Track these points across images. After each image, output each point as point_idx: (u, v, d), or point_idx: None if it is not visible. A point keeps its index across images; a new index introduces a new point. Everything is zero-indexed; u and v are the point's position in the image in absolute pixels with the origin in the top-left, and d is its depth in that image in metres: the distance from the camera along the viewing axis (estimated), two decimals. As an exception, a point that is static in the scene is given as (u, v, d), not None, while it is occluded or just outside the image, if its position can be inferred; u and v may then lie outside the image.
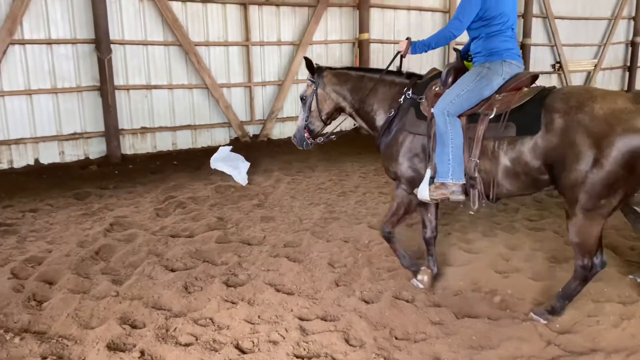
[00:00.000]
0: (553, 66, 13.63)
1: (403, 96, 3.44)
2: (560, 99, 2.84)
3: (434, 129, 3.15)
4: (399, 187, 3.50)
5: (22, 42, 7.18)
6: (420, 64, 10.28)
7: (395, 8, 10.93)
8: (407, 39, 3.48)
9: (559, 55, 13.48)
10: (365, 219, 4.93)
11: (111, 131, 7.76)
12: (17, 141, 7.32)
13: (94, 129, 7.87)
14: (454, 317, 3.09)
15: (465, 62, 3.40)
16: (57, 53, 7.45)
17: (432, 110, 3.14)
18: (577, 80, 14.00)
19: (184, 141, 8.81)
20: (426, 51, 3.42)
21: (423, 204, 3.48)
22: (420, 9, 11.27)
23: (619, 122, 2.61)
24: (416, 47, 3.42)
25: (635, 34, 14.57)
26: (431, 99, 3.25)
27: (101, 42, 7.48)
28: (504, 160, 2.95)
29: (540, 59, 13.32)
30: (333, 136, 3.85)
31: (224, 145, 7.76)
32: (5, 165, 7.29)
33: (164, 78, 8.47)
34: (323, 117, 3.82)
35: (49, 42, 7.38)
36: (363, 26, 10.29)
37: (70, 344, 2.82)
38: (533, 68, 13.02)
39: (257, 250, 4.22)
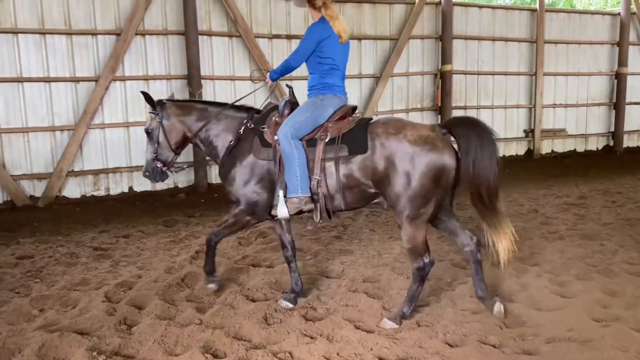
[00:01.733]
0: (652, 96, 12.73)
1: (243, 127, 3.85)
2: (380, 128, 3.46)
3: (279, 153, 3.58)
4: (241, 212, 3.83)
5: (123, 79, 7.78)
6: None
7: (479, 39, 10.76)
8: (265, 70, 4.12)
9: (659, 84, 12.59)
10: (448, 256, 4.76)
11: (199, 161, 8.14)
12: (114, 170, 7.87)
13: (183, 159, 8.27)
14: (546, 367, 2.87)
15: None
16: (153, 88, 7.99)
17: (276, 137, 3.59)
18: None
19: (266, 171, 9.04)
20: (277, 79, 3.96)
21: (279, 227, 3.99)
22: (506, 40, 11.01)
23: (425, 145, 3.29)
24: (271, 75, 3.95)
25: None
26: (273, 127, 3.69)
27: (193, 78, 7.94)
28: (341, 177, 3.48)
29: (637, 89, 12.50)
30: (185, 165, 4.20)
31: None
32: (102, 192, 7.84)
33: (249, 111, 8.80)
34: (173, 147, 4.02)
35: (146, 78, 7.95)
36: (446, 57, 10.20)
37: (156, 369, 2.91)
38: (630, 98, 12.27)
39: (335, 284, 4.18)
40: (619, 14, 12.03)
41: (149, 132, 3.98)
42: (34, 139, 7.43)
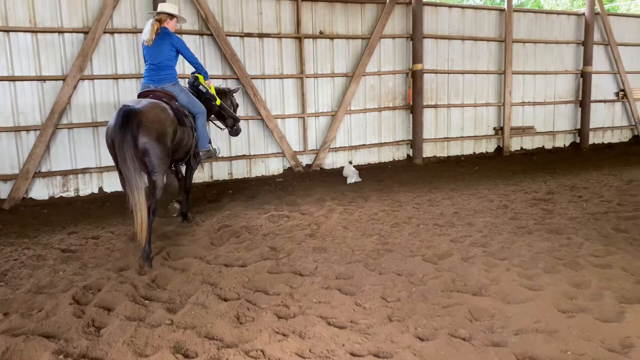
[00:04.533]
0: (617, 94, 13.11)
1: None
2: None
3: None
4: None
5: (91, 78, 7.63)
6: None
7: (449, 38, 10.89)
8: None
9: (622, 82, 12.95)
10: (419, 252, 4.82)
11: (170, 161, 8.02)
12: (83, 170, 7.71)
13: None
14: (514, 358, 2.92)
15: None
16: (123, 87, 7.85)
17: None
18: (643, 108, 13.37)
19: (240, 171, 9.01)
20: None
21: None
22: (475, 39, 11.17)
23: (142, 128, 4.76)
24: None
25: None
26: None
27: (163, 77, 7.81)
28: None
29: (602, 87, 12.87)
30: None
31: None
32: (72, 193, 7.67)
33: (221, 110, 8.72)
34: None
35: (115, 77, 7.80)
36: (417, 57, 10.29)
37: (125, 371, 2.86)
38: (594, 96, 12.64)
39: (308, 282, 4.18)
40: (584, 14, 12.34)
41: None
42: (-2, 139, 7.22)
